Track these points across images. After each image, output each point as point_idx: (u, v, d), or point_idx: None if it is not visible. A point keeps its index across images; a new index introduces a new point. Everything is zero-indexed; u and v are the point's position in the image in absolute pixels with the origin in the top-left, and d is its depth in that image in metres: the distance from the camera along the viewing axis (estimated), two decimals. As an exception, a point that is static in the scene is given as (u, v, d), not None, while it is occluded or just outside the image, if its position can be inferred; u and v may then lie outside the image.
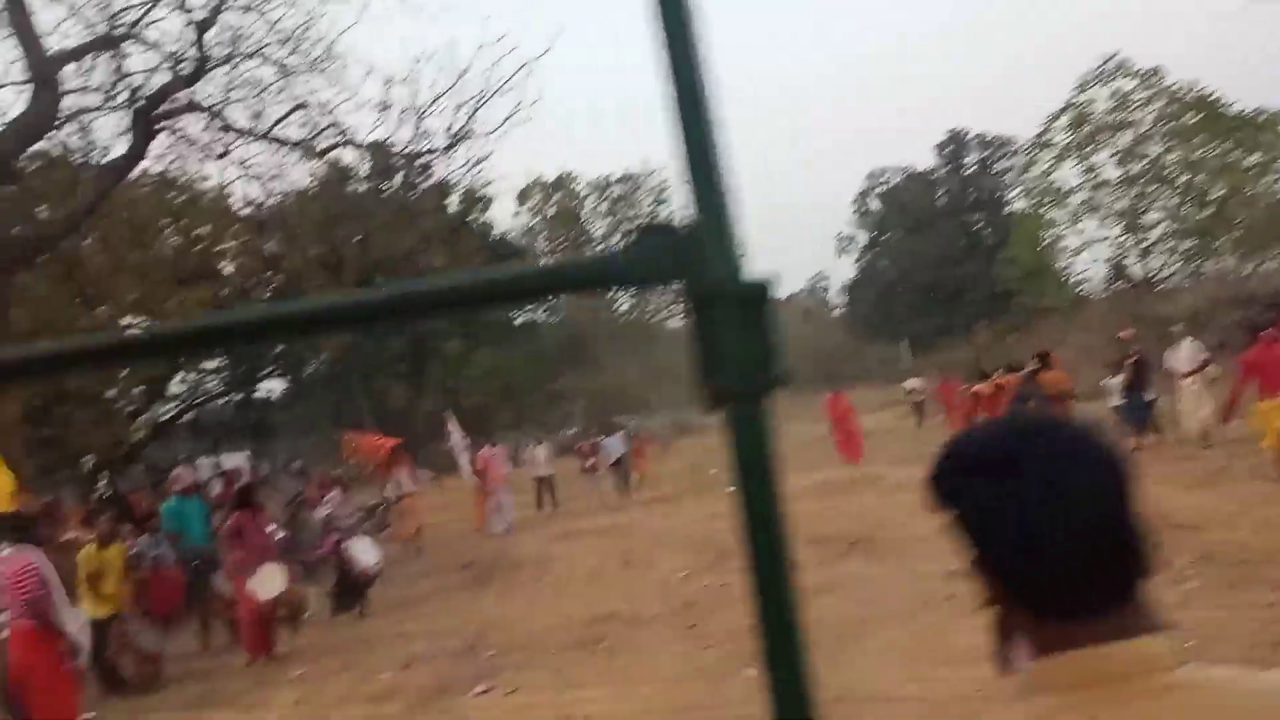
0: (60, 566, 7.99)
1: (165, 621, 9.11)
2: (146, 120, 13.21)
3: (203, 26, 12.88)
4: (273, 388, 43.60)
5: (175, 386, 37.20)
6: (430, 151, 14.07)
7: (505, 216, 46.74)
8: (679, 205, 0.80)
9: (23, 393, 13.52)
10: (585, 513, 17.73)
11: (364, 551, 10.28)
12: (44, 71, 12.60)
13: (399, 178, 38.24)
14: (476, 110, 14.04)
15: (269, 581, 8.71)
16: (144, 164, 14.41)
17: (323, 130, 14.08)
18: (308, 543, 13.48)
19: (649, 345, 49.28)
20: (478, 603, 9.85)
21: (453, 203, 39.56)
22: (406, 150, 14.22)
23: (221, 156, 14.07)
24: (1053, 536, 0.94)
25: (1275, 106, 34.76)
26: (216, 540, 9.69)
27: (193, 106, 13.50)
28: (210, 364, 38.85)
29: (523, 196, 48.01)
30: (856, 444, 19.60)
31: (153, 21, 13.07)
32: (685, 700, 5.65)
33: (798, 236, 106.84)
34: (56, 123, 13.50)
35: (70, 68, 13.20)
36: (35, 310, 16.32)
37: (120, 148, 13.58)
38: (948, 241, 54.84)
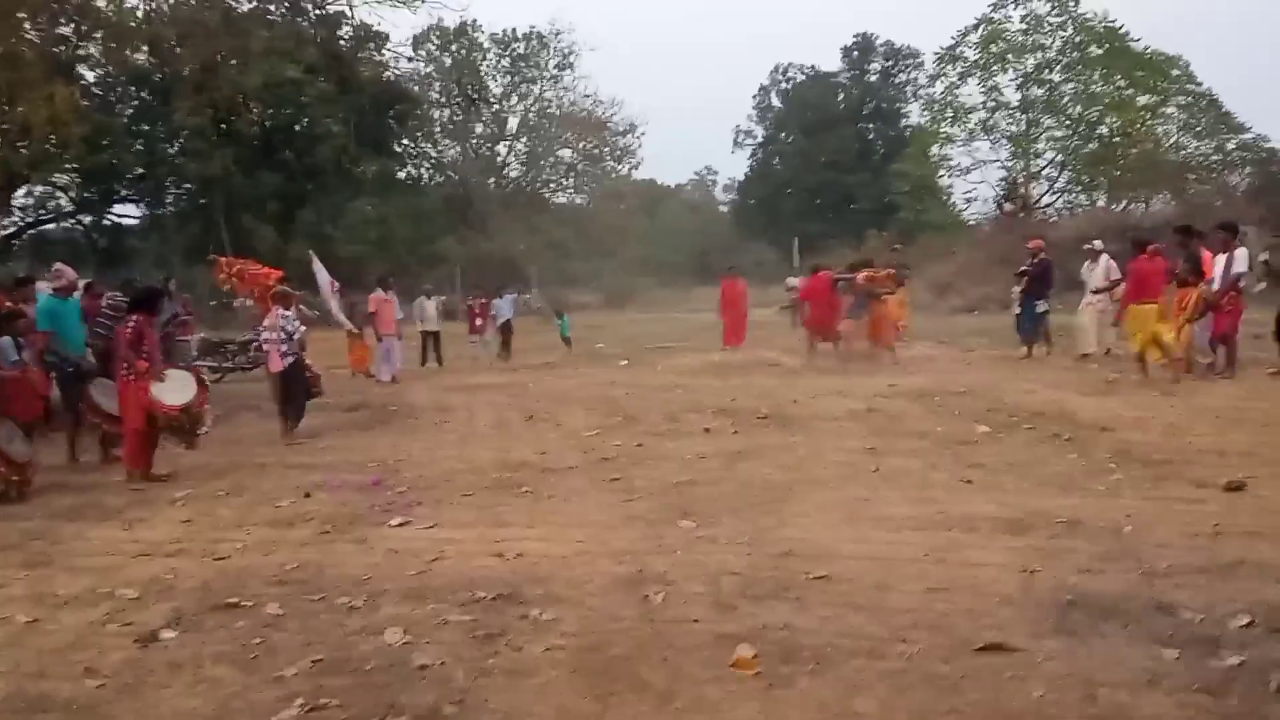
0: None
1: (26, 429, 8.28)
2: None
3: None
4: (128, 213, 40.60)
5: (19, 199, 34.16)
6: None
7: (403, 59, 43.89)
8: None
9: None
10: (473, 371, 17.31)
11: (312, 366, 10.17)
12: None
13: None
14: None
15: (180, 388, 8.12)
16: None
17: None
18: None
19: (537, 217, 48.14)
20: (376, 443, 9.40)
21: (345, 35, 36.98)
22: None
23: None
24: None
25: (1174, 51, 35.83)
26: (91, 346, 8.88)
27: None
28: (61, 180, 35.81)
29: (418, 42, 45.34)
30: (742, 330, 19.72)
31: None
32: (624, 545, 5.43)
33: (692, 127, 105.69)
34: None
35: None
36: None
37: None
38: (842, 147, 55.17)
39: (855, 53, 59.25)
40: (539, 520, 6.09)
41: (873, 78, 59.28)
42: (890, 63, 58.67)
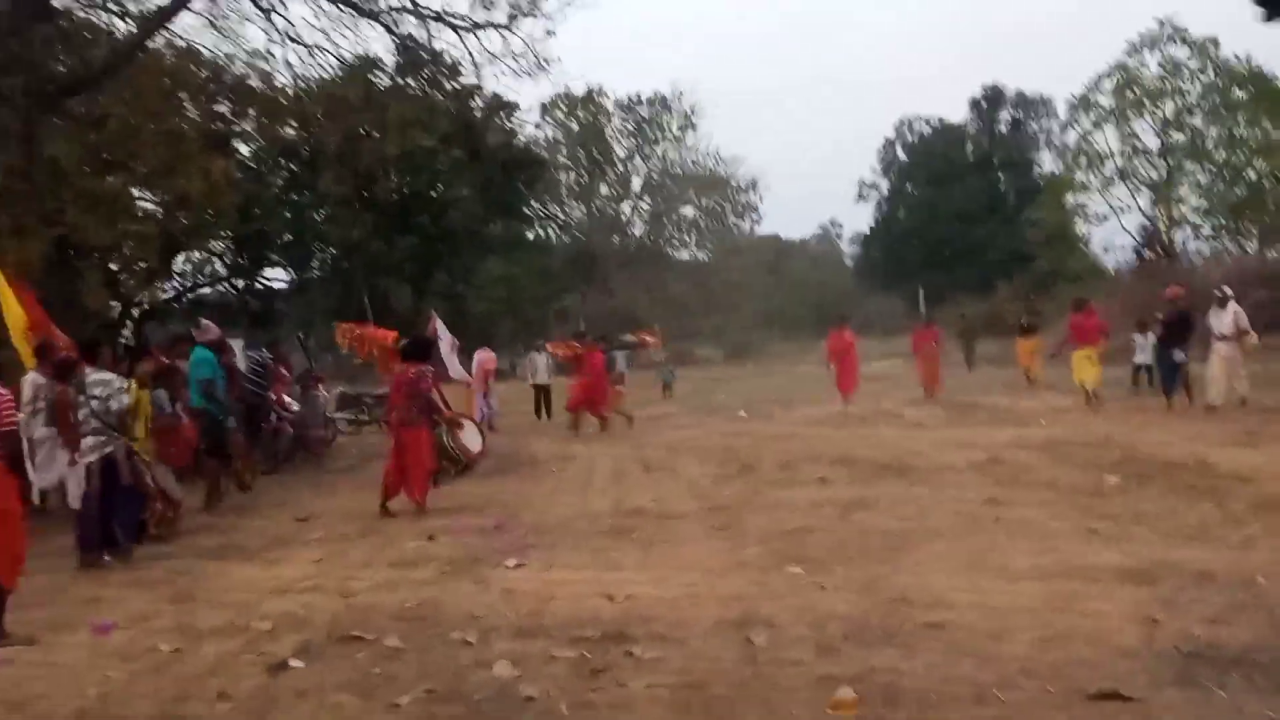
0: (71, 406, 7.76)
1: (177, 475, 8.89)
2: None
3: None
4: (277, 277, 43.07)
5: (179, 265, 36.71)
6: (491, 25, 13.49)
7: (531, 125, 45.59)
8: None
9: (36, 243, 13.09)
10: (589, 422, 17.57)
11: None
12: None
13: (426, 74, 37.42)
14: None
15: (475, 437, 10.44)
16: (185, 17, 13.69)
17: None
18: (312, 420, 13.31)
19: (659, 273, 48.71)
20: (498, 491, 9.67)
21: (476, 106, 38.71)
22: (466, 23, 13.56)
23: (268, 13, 13.44)
24: None
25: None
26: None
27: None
28: (217, 247, 38.35)
29: (547, 110, 47.00)
30: (851, 379, 18.61)
31: None
32: (731, 589, 5.45)
33: (815, 180, 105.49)
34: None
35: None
36: (53, 169, 15.75)
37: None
38: (970, 198, 54.13)
39: (984, 103, 58.31)
40: (650, 564, 6.17)
41: (1002, 128, 58.14)
42: (1020, 112, 57.48)
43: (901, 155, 61.80)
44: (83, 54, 12.79)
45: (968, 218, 54.21)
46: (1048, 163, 52.44)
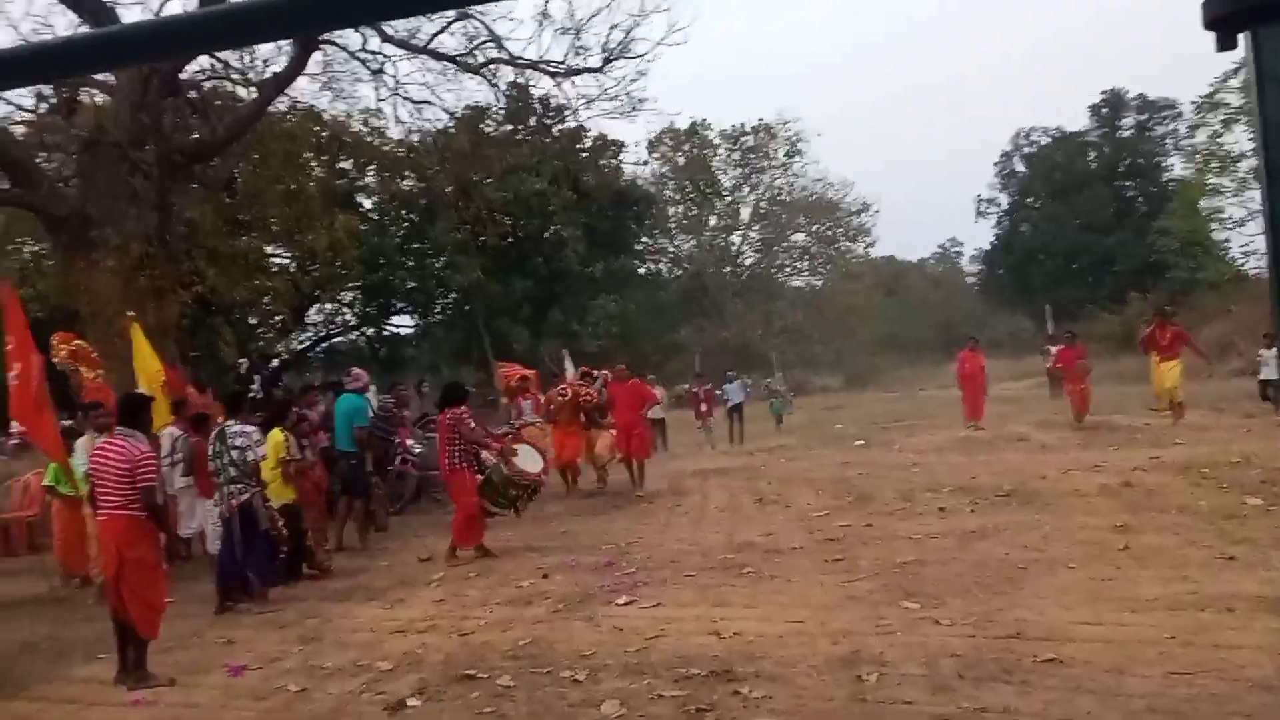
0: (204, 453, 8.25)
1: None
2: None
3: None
4: (403, 324, 44.65)
5: (312, 317, 38.51)
6: (585, 70, 13.84)
7: (634, 164, 46.30)
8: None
9: (178, 300, 13.94)
10: (703, 456, 17.55)
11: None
12: (209, -14, 12.83)
13: (534, 119, 38.53)
14: (633, 28, 13.65)
15: (532, 459, 9.50)
16: (301, 81, 14.48)
17: (480, 44, 13.90)
18: (433, 461, 13.67)
19: (772, 302, 48.46)
20: (612, 525, 9.76)
21: (584, 147, 39.59)
22: (561, 69, 13.94)
23: (377, 73, 14.13)
24: None
25: None
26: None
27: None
28: (346, 298, 40.10)
29: (653, 145, 47.54)
30: (979, 402, 18.03)
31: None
32: (841, 625, 5.37)
33: (931, 199, 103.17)
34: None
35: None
36: (190, 232, 16.84)
37: (279, 64, 13.73)
38: (1096, 208, 52.03)
39: (1105, 109, 56.10)
40: (759, 600, 6.13)
41: (1126, 133, 55.75)
42: (1145, 116, 55.02)
43: (1020, 168, 59.91)
44: (209, 122, 13.62)
45: (1095, 229, 52.00)
46: (1177, 167, 50.07)
